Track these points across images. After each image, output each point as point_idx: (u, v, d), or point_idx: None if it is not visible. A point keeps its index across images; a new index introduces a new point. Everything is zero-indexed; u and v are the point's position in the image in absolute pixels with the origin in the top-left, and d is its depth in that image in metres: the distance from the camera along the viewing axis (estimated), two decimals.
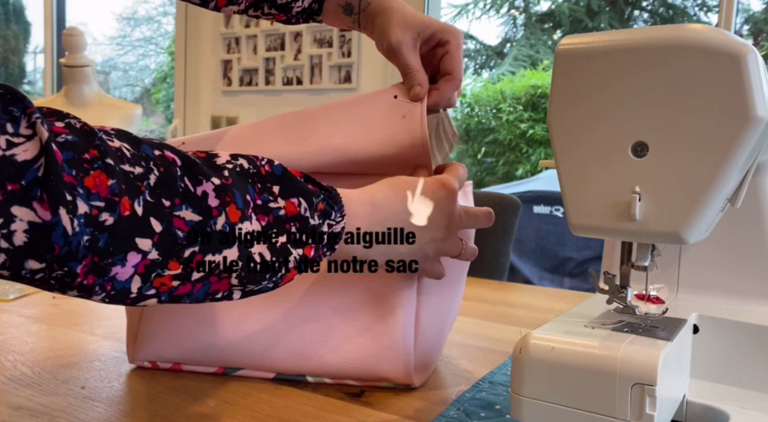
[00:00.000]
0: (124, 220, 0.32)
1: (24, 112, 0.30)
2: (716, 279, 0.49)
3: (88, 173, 0.31)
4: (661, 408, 0.35)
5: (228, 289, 0.39)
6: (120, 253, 0.33)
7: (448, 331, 0.59)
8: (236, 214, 0.37)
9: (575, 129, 0.38)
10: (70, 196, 0.30)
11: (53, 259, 0.31)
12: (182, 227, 0.35)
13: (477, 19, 6.49)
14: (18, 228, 0.29)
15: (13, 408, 0.47)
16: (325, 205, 0.42)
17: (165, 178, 0.35)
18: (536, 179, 3.54)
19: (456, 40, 0.57)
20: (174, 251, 0.35)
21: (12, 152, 0.29)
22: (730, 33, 0.34)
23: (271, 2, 0.61)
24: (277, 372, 0.54)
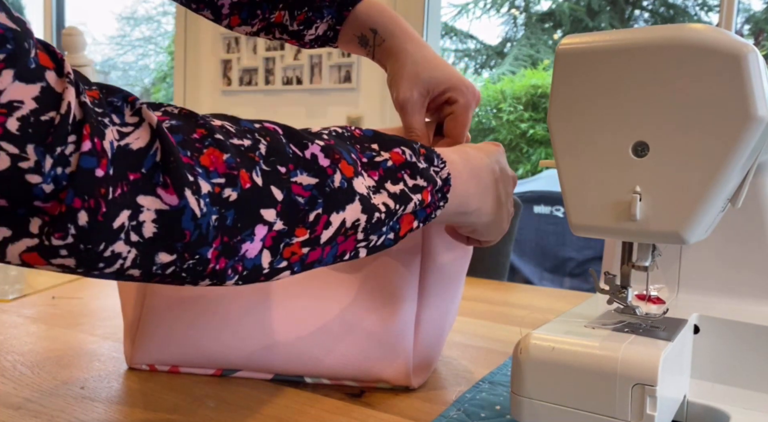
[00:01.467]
0: (247, 193, 0.32)
1: (125, 100, 0.30)
2: (717, 280, 0.49)
3: (202, 152, 0.31)
4: (662, 408, 0.35)
5: (354, 247, 0.38)
6: (248, 228, 0.32)
7: (447, 332, 0.58)
8: (349, 169, 0.37)
9: (576, 129, 0.38)
10: (192, 176, 0.30)
11: (184, 248, 0.30)
12: (301, 193, 0.34)
13: (477, 19, 6.50)
14: (146, 218, 0.28)
15: (12, 408, 0.47)
16: (426, 150, 0.42)
17: (274, 146, 0.34)
18: (536, 179, 3.53)
19: (464, 101, 0.55)
20: (299, 217, 0.34)
21: (126, 142, 0.28)
22: (731, 33, 0.34)
23: (282, 28, 0.60)
24: (276, 373, 0.54)
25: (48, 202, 0.26)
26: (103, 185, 0.27)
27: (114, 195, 0.28)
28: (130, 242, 0.29)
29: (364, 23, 0.58)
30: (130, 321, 0.56)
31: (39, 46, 0.27)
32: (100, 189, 0.27)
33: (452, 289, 0.57)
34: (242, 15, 0.60)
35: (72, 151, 0.26)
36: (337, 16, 0.58)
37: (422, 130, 0.55)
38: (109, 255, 0.28)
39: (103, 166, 0.27)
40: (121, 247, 0.28)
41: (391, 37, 0.57)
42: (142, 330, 0.55)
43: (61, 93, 0.26)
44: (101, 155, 0.27)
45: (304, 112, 2.94)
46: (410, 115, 0.55)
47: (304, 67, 2.91)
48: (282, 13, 0.59)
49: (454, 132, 0.55)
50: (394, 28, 0.57)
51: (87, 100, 0.28)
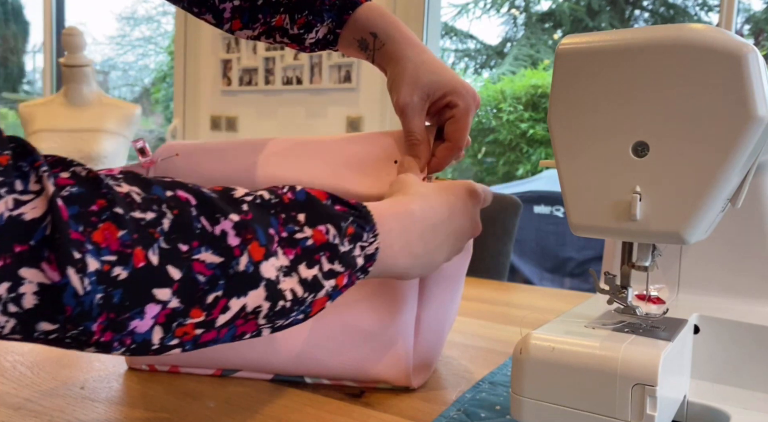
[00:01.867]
0: (138, 272, 0.31)
1: (32, 165, 0.29)
2: (717, 280, 0.49)
3: (97, 227, 0.30)
4: (662, 408, 0.35)
5: (256, 329, 0.37)
6: (137, 307, 0.31)
7: (447, 332, 0.58)
8: (260, 252, 0.35)
9: (576, 129, 0.38)
10: (79, 253, 0.29)
11: (66, 320, 0.29)
12: (203, 271, 0.33)
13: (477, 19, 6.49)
14: (27, 290, 0.28)
15: (12, 409, 0.47)
16: (355, 227, 0.39)
17: (180, 221, 0.33)
18: (536, 179, 3.53)
19: (464, 105, 0.55)
20: (196, 297, 0.33)
21: (20, 211, 0.28)
22: (731, 32, 0.34)
23: (282, 32, 0.60)
24: (276, 373, 0.54)
25: None
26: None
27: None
28: (8, 313, 0.28)
29: (364, 27, 0.57)
30: None
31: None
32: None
33: (452, 289, 0.57)
34: (243, 19, 0.60)
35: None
36: (337, 19, 0.58)
37: (422, 134, 0.55)
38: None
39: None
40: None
41: (391, 42, 0.57)
42: None
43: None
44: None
45: (304, 112, 2.94)
46: (410, 119, 0.54)
47: (304, 67, 2.91)
48: (283, 17, 0.59)
49: (454, 136, 0.55)
50: (394, 33, 0.57)
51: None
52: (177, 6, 0.62)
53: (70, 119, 2.09)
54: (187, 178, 0.56)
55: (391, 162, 0.54)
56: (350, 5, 0.58)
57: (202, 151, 0.58)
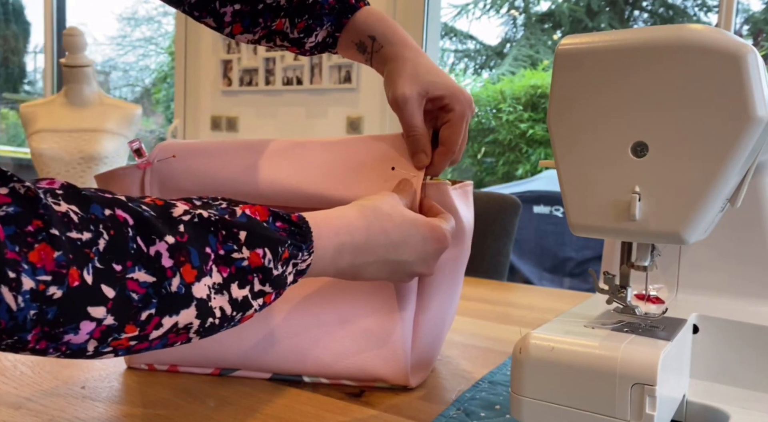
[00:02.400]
0: (73, 291, 0.32)
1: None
2: (716, 280, 0.49)
3: (33, 247, 0.30)
4: (661, 407, 0.35)
5: (186, 338, 0.38)
6: (71, 323, 0.32)
7: (446, 332, 0.58)
8: (192, 274, 0.36)
9: (575, 129, 0.39)
10: (14, 273, 0.30)
11: (1, 331, 0.30)
12: (137, 289, 0.34)
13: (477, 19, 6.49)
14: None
15: (13, 408, 0.47)
16: (291, 249, 0.41)
17: (115, 242, 0.34)
18: (536, 179, 3.54)
19: (461, 109, 0.55)
20: (130, 314, 0.34)
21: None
22: (730, 33, 0.34)
23: (283, 35, 0.60)
24: (274, 373, 0.54)
25: None
26: None
27: None
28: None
29: (362, 30, 0.58)
30: None
31: None
32: None
33: (451, 289, 0.57)
34: (244, 23, 0.60)
35: None
36: (336, 23, 0.58)
37: (423, 128, 0.55)
38: None
39: None
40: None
41: (389, 44, 0.57)
42: None
43: None
44: None
45: (304, 112, 2.94)
46: (410, 113, 0.54)
47: (304, 68, 2.91)
48: (283, 21, 0.59)
49: (449, 140, 0.55)
50: (393, 36, 0.57)
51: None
52: (178, 9, 0.62)
53: (70, 119, 2.09)
54: (183, 178, 0.56)
55: (387, 167, 0.54)
56: (349, 9, 0.58)
57: (198, 151, 0.58)
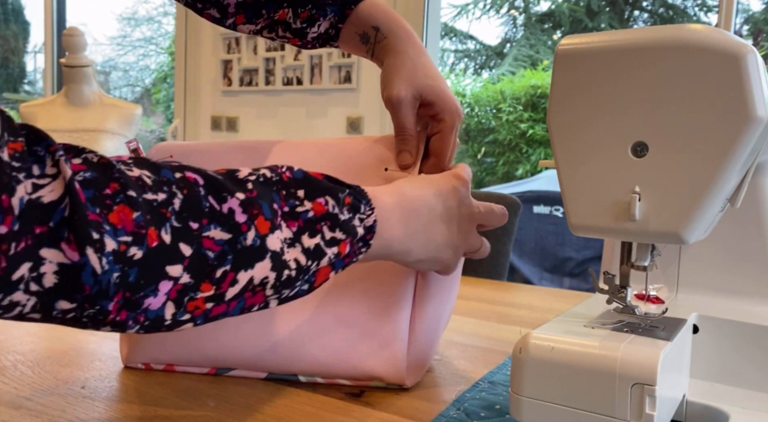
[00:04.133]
0: (152, 251, 0.32)
1: (48, 150, 0.30)
2: (716, 279, 0.49)
3: (112, 209, 0.31)
4: (661, 408, 0.35)
5: (264, 301, 0.38)
6: (151, 284, 0.32)
7: (442, 331, 0.58)
8: (266, 226, 0.36)
9: (575, 129, 0.39)
10: (97, 234, 0.30)
11: (84, 299, 0.30)
12: (212, 247, 0.34)
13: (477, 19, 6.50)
14: (47, 270, 0.29)
15: (13, 408, 0.47)
16: (352, 199, 0.42)
17: (189, 200, 0.34)
18: (536, 179, 3.54)
19: (451, 121, 0.55)
20: (206, 272, 0.34)
21: (38, 195, 0.29)
22: (730, 33, 0.34)
23: (285, 26, 0.60)
24: (269, 372, 0.54)
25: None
26: (5, 242, 0.28)
27: (16, 249, 0.28)
28: (30, 291, 0.29)
29: (366, 21, 0.58)
30: None
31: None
32: (2, 245, 0.28)
33: (447, 288, 0.57)
34: (248, 14, 0.60)
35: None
36: (339, 13, 0.58)
37: (414, 130, 0.55)
38: (6, 304, 0.29)
39: (7, 223, 0.28)
40: (19, 297, 0.29)
41: (393, 36, 0.57)
42: None
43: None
44: (7, 212, 0.28)
45: (304, 112, 2.94)
46: (404, 115, 0.55)
47: (304, 68, 2.91)
48: (286, 11, 0.59)
49: (440, 151, 0.55)
50: (397, 29, 0.57)
51: (5, 155, 0.28)
52: (179, 2, 0.62)
53: (71, 119, 2.09)
54: None
55: (381, 168, 0.54)
56: (353, 0, 0.58)
57: (195, 152, 0.58)
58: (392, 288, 0.53)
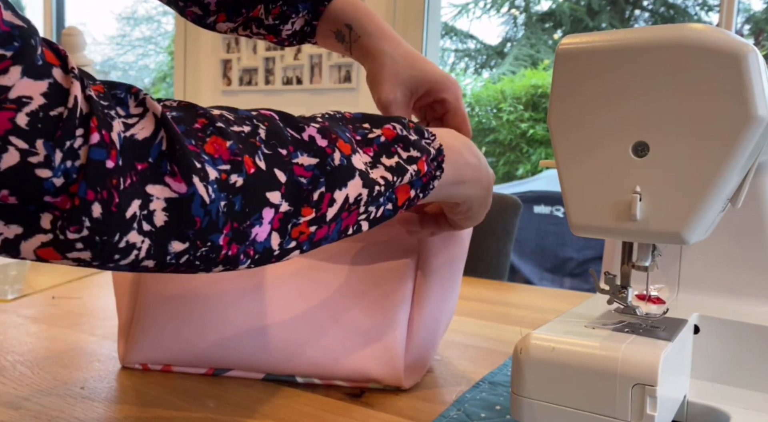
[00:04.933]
0: (251, 178, 0.32)
1: (129, 91, 0.30)
2: (717, 280, 0.49)
3: (205, 141, 0.31)
4: (662, 408, 0.35)
5: (356, 221, 0.39)
6: (256, 212, 0.33)
7: (442, 333, 0.58)
8: (347, 147, 0.38)
9: (576, 128, 0.38)
10: (199, 163, 0.30)
11: (196, 235, 0.30)
12: (303, 173, 0.35)
13: (477, 19, 6.50)
14: (157, 207, 0.29)
15: (12, 409, 0.47)
16: (415, 124, 0.43)
17: (273, 131, 0.35)
18: (537, 179, 3.53)
19: (453, 96, 0.56)
20: (303, 197, 0.35)
21: (131, 132, 0.29)
22: (731, 33, 0.34)
23: (258, 22, 0.60)
24: (267, 373, 0.54)
25: (58, 196, 0.27)
26: (114, 176, 0.27)
27: (125, 185, 0.28)
28: (143, 231, 0.29)
29: (339, 19, 0.57)
30: (124, 321, 0.57)
31: (44, 43, 0.27)
32: (112, 180, 0.27)
33: (448, 290, 0.57)
34: (228, 12, 0.60)
35: (81, 143, 0.27)
36: (313, 11, 0.58)
37: None
38: (123, 246, 0.29)
39: (113, 157, 0.27)
40: (134, 237, 0.29)
41: (367, 36, 0.57)
42: (135, 329, 0.55)
43: (67, 88, 0.27)
44: (110, 146, 0.27)
45: (304, 112, 2.93)
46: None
47: (304, 67, 2.91)
48: (259, 8, 0.59)
49: (460, 127, 0.56)
50: (369, 25, 0.57)
51: (92, 94, 0.28)
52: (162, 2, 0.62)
53: None
54: None
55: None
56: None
57: None
58: (390, 290, 0.53)
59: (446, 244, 0.55)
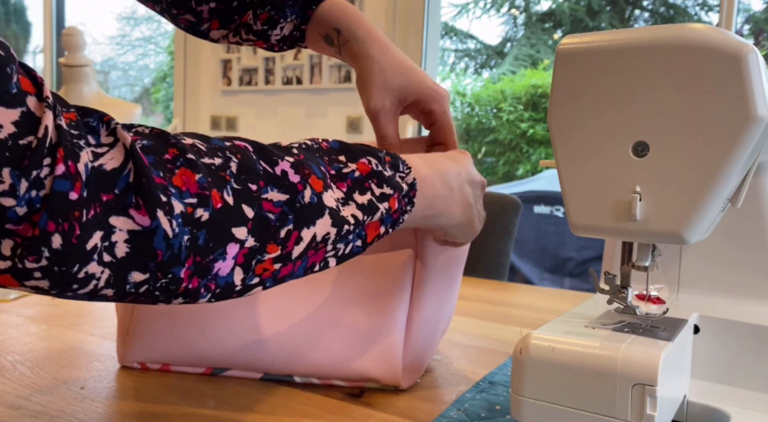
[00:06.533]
0: (218, 213, 0.32)
1: (101, 120, 0.30)
2: (717, 280, 0.49)
3: (174, 172, 0.31)
4: (662, 408, 0.35)
5: (323, 258, 0.39)
6: (219, 247, 0.32)
7: (441, 333, 0.58)
8: (319, 184, 0.37)
9: (576, 128, 0.38)
10: (165, 196, 0.30)
11: (157, 267, 0.30)
12: (272, 209, 0.35)
13: (477, 19, 6.49)
14: (119, 238, 0.29)
15: (12, 408, 0.47)
16: (390, 158, 0.43)
17: (245, 164, 0.35)
18: (536, 179, 3.53)
19: (441, 107, 0.55)
20: (270, 234, 0.35)
21: (100, 162, 0.29)
22: (731, 32, 0.34)
23: (247, 28, 0.59)
24: (265, 372, 0.54)
25: (20, 224, 0.26)
26: (77, 208, 0.27)
27: (87, 216, 0.28)
28: (103, 262, 0.29)
29: (327, 23, 0.57)
30: (122, 320, 0.57)
31: (21, 70, 0.27)
32: (74, 212, 0.27)
33: (447, 291, 0.57)
34: (221, 20, 0.60)
35: (47, 173, 0.26)
36: (301, 15, 0.58)
37: (395, 138, 0.55)
38: (82, 276, 0.29)
39: (77, 189, 0.27)
40: (94, 268, 0.29)
41: (355, 41, 0.56)
42: (133, 329, 0.55)
43: (39, 117, 0.27)
44: (75, 178, 0.27)
45: (304, 112, 2.94)
46: (384, 124, 0.55)
47: (304, 67, 2.91)
48: (249, 14, 0.59)
49: (446, 139, 0.56)
50: (357, 30, 0.56)
51: (63, 123, 0.28)
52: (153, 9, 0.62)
53: None
54: None
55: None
56: (314, 0, 0.57)
57: None
58: (388, 289, 0.53)
59: (445, 246, 0.55)
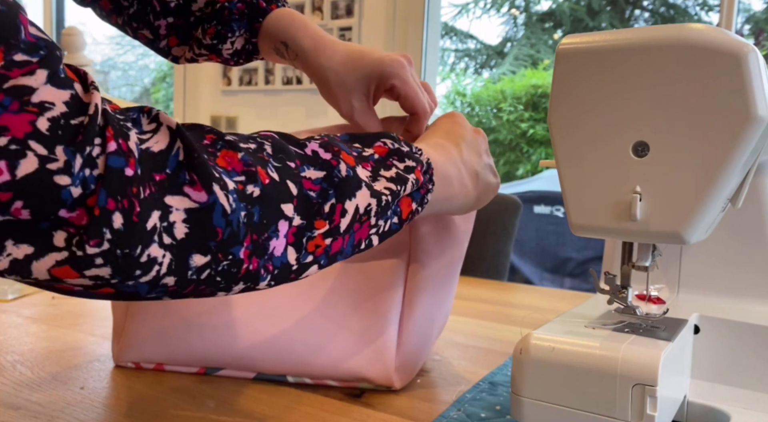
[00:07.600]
0: (268, 187, 0.32)
1: (141, 111, 0.30)
2: (717, 280, 0.49)
3: (216, 155, 0.31)
4: (662, 408, 0.35)
5: (367, 235, 0.39)
6: (272, 224, 0.32)
7: (437, 334, 0.58)
8: (350, 159, 0.38)
9: (576, 128, 0.38)
10: (217, 173, 0.30)
11: (217, 247, 0.30)
12: (312, 187, 0.35)
13: (477, 19, 6.49)
14: (177, 218, 0.28)
15: (12, 409, 0.47)
16: (402, 141, 0.43)
17: (278, 146, 0.35)
18: (537, 179, 3.53)
19: (400, 80, 0.53)
20: (314, 211, 0.35)
21: (146, 146, 0.29)
22: (731, 32, 0.34)
23: (198, 43, 0.58)
24: (258, 372, 0.54)
25: (74, 210, 0.26)
26: (134, 184, 0.27)
27: (144, 195, 0.27)
28: (164, 245, 0.28)
29: (275, 36, 0.56)
30: (117, 320, 0.57)
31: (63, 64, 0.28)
32: (132, 188, 0.27)
33: (442, 291, 0.56)
34: (179, 35, 0.59)
35: (99, 152, 0.26)
36: (249, 29, 0.57)
37: (379, 128, 0.55)
38: (145, 260, 0.28)
39: (131, 165, 0.27)
40: (156, 251, 0.28)
41: (303, 52, 0.55)
42: (128, 328, 0.55)
43: (88, 102, 0.27)
44: (128, 155, 0.27)
45: (304, 111, 2.94)
46: (364, 122, 0.55)
47: None
48: (199, 29, 0.58)
49: (413, 108, 0.55)
50: (303, 41, 0.55)
51: (108, 108, 0.28)
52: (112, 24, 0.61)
53: None
54: None
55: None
56: (260, 13, 0.56)
57: None
58: (381, 289, 0.53)
59: (442, 246, 0.54)
